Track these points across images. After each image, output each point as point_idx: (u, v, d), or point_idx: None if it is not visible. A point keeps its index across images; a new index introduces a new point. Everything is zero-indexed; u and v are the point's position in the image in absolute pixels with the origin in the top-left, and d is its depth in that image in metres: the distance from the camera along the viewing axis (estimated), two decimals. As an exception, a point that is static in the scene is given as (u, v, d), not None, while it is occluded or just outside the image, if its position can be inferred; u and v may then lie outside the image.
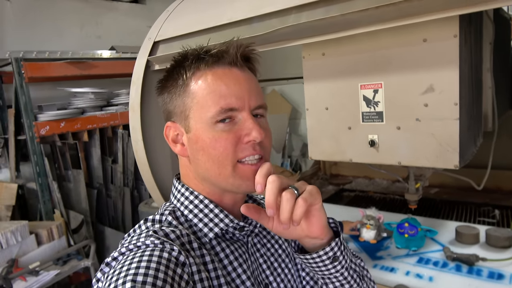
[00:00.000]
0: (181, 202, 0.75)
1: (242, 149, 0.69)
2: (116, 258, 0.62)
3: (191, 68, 0.71)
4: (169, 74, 0.75)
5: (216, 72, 0.71)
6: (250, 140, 0.68)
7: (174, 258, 0.60)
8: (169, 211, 0.73)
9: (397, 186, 2.70)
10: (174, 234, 0.66)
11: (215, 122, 0.68)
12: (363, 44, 1.26)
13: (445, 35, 1.11)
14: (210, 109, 0.68)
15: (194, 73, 0.71)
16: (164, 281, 0.55)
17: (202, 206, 0.73)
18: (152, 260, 0.57)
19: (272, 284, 0.78)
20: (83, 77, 3.46)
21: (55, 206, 3.06)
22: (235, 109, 0.69)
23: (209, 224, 0.72)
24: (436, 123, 1.17)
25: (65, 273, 2.27)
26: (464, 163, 1.21)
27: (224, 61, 0.71)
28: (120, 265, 0.58)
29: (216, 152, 0.68)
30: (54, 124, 2.98)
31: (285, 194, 0.63)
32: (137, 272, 0.55)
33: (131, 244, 0.62)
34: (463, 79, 1.15)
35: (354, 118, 1.33)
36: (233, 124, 0.69)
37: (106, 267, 0.62)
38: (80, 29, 3.86)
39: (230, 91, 0.69)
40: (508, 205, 2.18)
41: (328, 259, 0.72)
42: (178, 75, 0.72)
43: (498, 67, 1.88)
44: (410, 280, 1.38)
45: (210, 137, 0.68)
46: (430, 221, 1.92)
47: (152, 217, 0.71)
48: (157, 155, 1.77)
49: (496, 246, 1.56)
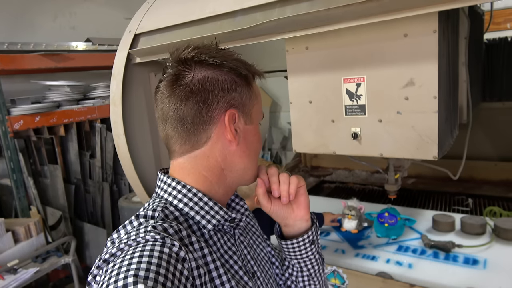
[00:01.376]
0: (173, 195, 0.74)
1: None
2: (114, 254, 0.61)
3: (249, 72, 0.78)
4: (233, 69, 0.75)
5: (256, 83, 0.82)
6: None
7: (175, 254, 0.60)
8: (162, 206, 0.72)
9: (375, 177, 2.77)
10: (172, 229, 0.66)
11: (259, 123, 0.82)
12: (346, 39, 1.28)
13: (425, 31, 1.14)
14: (260, 112, 0.82)
15: (254, 78, 0.80)
16: (165, 277, 0.55)
17: (197, 199, 0.74)
18: (154, 256, 0.57)
19: (257, 273, 0.81)
20: (58, 70, 3.36)
21: (31, 203, 2.98)
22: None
23: (206, 216, 0.73)
24: (416, 115, 1.20)
25: (45, 270, 2.22)
26: (442, 154, 1.26)
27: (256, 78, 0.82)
28: (120, 259, 0.57)
29: (259, 146, 0.81)
30: (29, 118, 2.89)
31: (281, 175, 0.83)
32: (139, 267, 0.54)
33: (130, 239, 0.61)
34: (441, 73, 1.19)
35: (337, 111, 1.35)
36: None
37: (104, 263, 0.61)
38: (53, 20, 3.73)
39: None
40: (481, 194, 2.28)
41: (309, 242, 0.88)
42: (244, 72, 0.77)
43: (472, 61, 1.95)
44: (391, 268, 1.43)
45: (257, 133, 0.81)
46: (408, 211, 1.98)
47: (144, 213, 0.70)
48: (139, 149, 1.75)
49: (470, 233, 1.64)
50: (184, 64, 0.72)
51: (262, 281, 0.82)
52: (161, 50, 1.57)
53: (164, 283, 0.54)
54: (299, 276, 0.93)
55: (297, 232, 0.88)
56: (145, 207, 0.74)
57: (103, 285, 0.54)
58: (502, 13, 3.19)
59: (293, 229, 0.88)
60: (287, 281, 0.96)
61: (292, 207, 0.85)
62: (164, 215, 0.70)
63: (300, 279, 0.93)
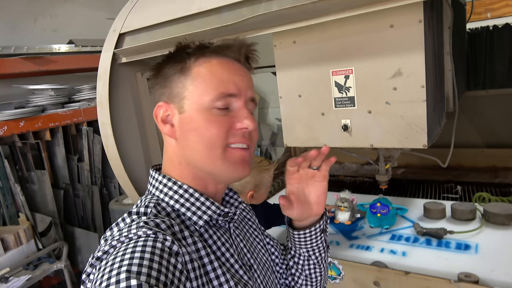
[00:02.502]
0: (164, 193, 0.74)
1: (233, 134, 0.72)
2: (107, 251, 0.60)
3: (196, 54, 0.73)
4: (169, 58, 0.76)
5: (221, 61, 0.74)
6: (243, 127, 0.72)
7: (167, 248, 0.60)
8: (154, 203, 0.71)
9: (366, 168, 2.80)
10: (164, 224, 0.66)
11: (212, 107, 0.71)
12: (333, 32, 1.28)
13: (410, 21, 1.15)
14: (209, 92, 0.71)
15: (198, 58, 0.73)
16: (159, 271, 0.55)
17: (188, 195, 0.73)
18: (146, 251, 0.57)
19: (253, 266, 0.81)
20: (41, 73, 3.30)
21: (20, 210, 2.92)
22: (233, 95, 0.72)
23: (197, 212, 0.73)
24: (404, 105, 1.22)
25: (37, 277, 2.19)
26: (431, 142, 1.28)
27: (229, 53, 0.75)
28: (113, 256, 0.57)
29: (208, 134, 0.70)
30: (13, 123, 2.83)
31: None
32: (131, 263, 0.54)
33: (122, 236, 0.61)
34: (428, 63, 1.20)
35: (327, 104, 1.36)
36: (228, 111, 0.72)
37: (97, 261, 0.61)
38: (34, 23, 3.66)
39: (231, 78, 0.72)
40: (469, 181, 2.32)
41: (320, 231, 0.91)
42: (181, 58, 0.74)
43: (456, 51, 1.97)
44: (385, 257, 1.45)
45: (205, 119, 0.71)
46: (399, 200, 2.01)
47: (136, 210, 0.70)
48: (128, 150, 1.73)
49: (461, 219, 1.67)
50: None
51: (259, 273, 0.82)
52: (147, 49, 1.55)
53: (157, 278, 0.54)
54: (305, 264, 0.94)
55: (309, 223, 0.90)
56: (137, 204, 0.74)
57: (96, 282, 0.54)
58: (482, 2, 3.24)
59: (306, 222, 0.90)
60: (291, 269, 0.96)
61: (312, 206, 0.86)
62: (157, 211, 0.70)
63: (306, 267, 0.94)
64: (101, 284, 0.52)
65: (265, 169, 1.50)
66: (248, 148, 0.74)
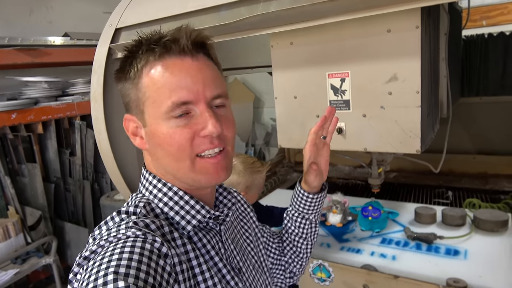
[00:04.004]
0: (154, 194, 0.72)
1: (199, 143, 0.67)
2: (94, 251, 0.59)
3: (141, 60, 0.68)
4: (123, 65, 0.71)
5: (166, 63, 0.67)
6: (206, 134, 0.67)
7: (156, 250, 0.59)
8: (144, 203, 0.70)
9: (358, 171, 2.81)
10: (154, 225, 0.65)
11: (169, 118, 0.66)
12: (330, 34, 1.28)
13: (408, 26, 1.16)
14: (162, 104, 0.66)
15: (144, 65, 0.68)
16: (147, 273, 0.54)
17: (177, 198, 0.72)
18: (135, 252, 0.56)
19: (242, 269, 0.81)
20: (35, 65, 3.25)
21: (9, 203, 2.89)
22: (189, 102, 0.66)
23: (186, 217, 0.71)
24: (399, 110, 1.22)
25: (25, 271, 2.17)
26: (424, 148, 1.29)
27: (174, 50, 0.67)
28: (101, 256, 0.56)
29: (172, 148, 0.67)
30: (4, 115, 2.79)
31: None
32: (119, 264, 0.53)
33: (110, 236, 0.60)
34: (424, 69, 1.21)
35: (322, 106, 1.36)
36: (190, 118, 0.67)
37: (84, 261, 0.60)
38: (29, 14, 3.61)
39: (181, 83, 0.66)
40: (460, 187, 2.34)
41: (325, 196, 1.07)
42: (130, 67, 0.69)
43: (451, 57, 1.98)
44: (375, 260, 1.46)
45: (165, 133, 0.66)
46: (391, 204, 2.01)
47: (126, 209, 0.68)
48: (121, 146, 1.72)
49: (451, 225, 1.68)
50: None
51: (248, 276, 0.82)
52: (143, 45, 1.54)
53: (145, 279, 0.53)
54: (311, 233, 1.08)
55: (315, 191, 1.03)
56: (127, 202, 0.73)
57: (83, 283, 0.53)
58: (478, 10, 3.26)
59: (315, 189, 1.02)
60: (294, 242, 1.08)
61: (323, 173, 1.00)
62: (146, 211, 0.69)
63: (309, 235, 1.07)
64: (88, 285, 0.51)
65: (257, 170, 1.49)
66: (222, 150, 0.70)
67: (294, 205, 1.07)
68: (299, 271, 1.10)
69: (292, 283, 1.11)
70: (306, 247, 1.08)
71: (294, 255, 1.08)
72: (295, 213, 1.06)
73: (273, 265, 1.05)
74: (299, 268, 1.09)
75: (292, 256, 1.08)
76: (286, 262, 1.08)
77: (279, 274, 1.06)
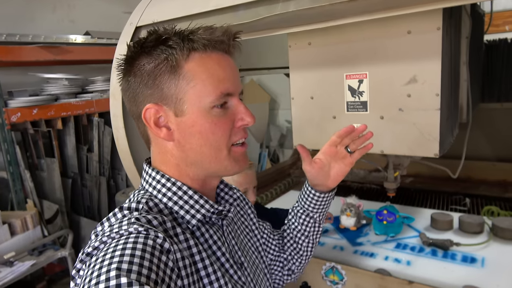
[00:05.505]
0: (157, 189, 0.73)
1: (236, 132, 0.73)
2: (97, 247, 0.60)
3: (184, 49, 0.67)
4: (147, 53, 0.69)
5: (212, 56, 0.71)
6: (244, 124, 0.73)
7: (159, 245, 0.59)
8: (146, 199, 0.70)
9: (374, 175, 2.77)
10: (156, 221, 0.65)
11: (213, 107, 0.69)
12: (349, 35, 1.28)
13: (428, 28, 1.14)
14: (210, 93, 0.69)
15: (189, 55, 0.68)
16: (149, 269, 0.54)
17: (181, 193, 0.72)
18: (137, 248, 0.56)
19: (244, 264, 0.81)
20: (56, 63, 3.34)
21: (28, 196, 2.96)
22: (231, 94, 0.72)
23: (190, 211, 0.72)
24: (418, 113, 1.21)
25: (41, 263, 2.21)
26: (443, 152, 1.26)
27: (219, 47, 0.72)
28: (103, 253, 0.56)
29: (215, 137, 0.70)
30: (26, 110, 2.86)
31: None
32: (122, 260, 0.53)
33: (112, 232, 0.60)
34: (444, 71, 1.19)
35: (339, 107, 1.35)
36: (227, 109, 0.72)
37: (87, 257, 0.60)
38: (52, 12, 3.70)
39: (227, 76, 0.71)
40: (478, 194, 2.28)
41: (332, 197, 1.06)
42: (167, 54, 0.67)
43: (472, 61, 1.95)
44: (389, 265, 1.44)
45: (210, 122, 0.69)
46: (406, 209, 1.99)
47: (128, 205, 0.68)
48: (138, 143, 1.74)
49: (468, 232, 1.64)
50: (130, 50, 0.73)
51: (249, 271, 0.82)
52: (162, 43, 1.56)
53: (148, 275, 0.53)
54: (314, 232, 1.07)
55: (319, 190, 1.03)
56: (129, 198, 0.73)
57: (86, 279, 0.53)
58: (501, 15, 3.20)
59: (317, 188, 1.02)
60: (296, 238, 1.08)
61: (328, 179, 0.99)
62: (148, 207, 0.69)
63: (311, 233, 1.07)
64: (91, 281, 0.51)
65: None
66: (245, 141, 0.76)
67: (300, 201, 1.07)
68: (297, 269, 1.09)
69: (290, 281, 1.10)
70: (307, 246, 1.08)
71: (294, 251, 1.08)
72: (300, 209, 1.07)
73: (271, 261, 1.05)
74: (298, 266, 1.09)
75: (292, 253, 1.08)
76: (285, 259, 1.08)
77: (277, 270, 1.07)
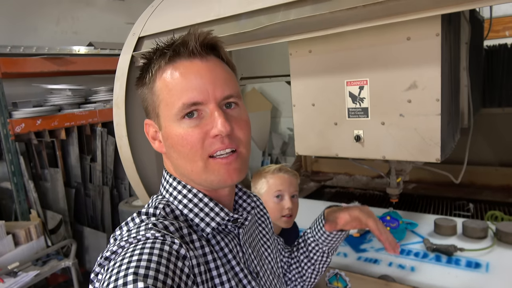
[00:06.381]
0: (174, 196, 0.74)
1: (211, 143, 0.68)
2: (115, 251, 0.61)
3: (155, 65, 0.70)
4: (141, 71, 0.75)
5: (176, 66, 0.69)
6: (215, 134, 0.67)
7: (175, 251, 0.60)
8: (163, 204, 0.72)
9: (376, 182, 2.77)
10: (173, 227, 0.66)
11: (180, 118, 0.68)
12: (349, 42, 1.29)
13: (428, 34, 1.15)
14: (173, 105, 0.68)
15: (157, 70, 0.70)
16: (165, 274, 0.55)
17: (197, 200, 0.73)
18: (154, 253, 0.57)
19: (259, 273, 0.80)
20: (60, 74, 3.38)
21: (31, 206, 2.97)
22: (199, 103, 0.67)
23: (205, 219, 0.72)
24: (419, 118, 1.21)
25: (45, 273, 2.21)
26: (444, 157, 1.27)
27: (183, 53, 0.69)
28: (121, 257, 0.57)
29: (184, 149, 0.68)
30: (30, 121, 2.89)
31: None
32: (139, 265, 0.54)
33: (130, 237, 0.61)
34: (444, 77, 1.20)
35: (340, 113, 1.36)
36: (200, 119, 0.68)
37: (105, 261, 0.61)
38: (56, 25, 3.76)
39: (191, 84, 0.67)
40: (481, 199, 2.28)
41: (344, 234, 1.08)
42: (146, 72, 0.72)
43: (473, 67, 1.96)
44: (393, 271, 1.43)
45: (177, 134, 0.68)
46: (410, 215, 1.98)
47: (146, 210, 0.70)
48: (141, 152, 1.76)
49: (472, 237, 1.64)
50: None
51: (265, 281, 0.82)
52: (165, 53, 1.58)
53: (164, 281, 0.54)
54: (321, 262, 1.08)
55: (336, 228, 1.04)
56: (148, 204, 0.74)
57: (104, 283, 0.54)
58: (501, 21, 3.22)
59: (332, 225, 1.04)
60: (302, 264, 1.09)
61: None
62: (165, 213, 0.70)
63: (318, 262, 1.08)
64: (109, 285, 0.53)
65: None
66: (235, 151, 0.70)
67: (312, 230, 1.08)
68: None
69: None
70: (311, 273, 1.08)
71: (297, 275, 1.08)
72: (311, 237, 1.07)
73: None
74: None
75: (296, 276, 1.08)
76: (289, 279, 1.09)
77: None
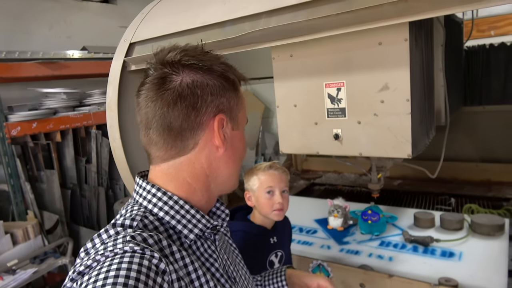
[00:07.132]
0: (153, 203, 0.70)
1: None
2: (89, 266, 0.57)
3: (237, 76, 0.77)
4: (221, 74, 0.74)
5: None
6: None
7: (154, 266, 0.57)
8: (141, 216, 0.67)
9: (363, 179, 2.87)
10: (152, 239, 0.63)
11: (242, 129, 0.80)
12: (327, 47, 1.38)
13: (397, 39, 1.25)
14: (245, 116, 0.80)
15: (240, 82, 0.78)
16: None
17: (178, 207, 0.70)
18: (132, 269, 0.54)
19: (236, 278, 0.80)
20: (55, 77, 3.43)
21: (28, 207, 3.03)
22: None
23: (188, 226, 0.71)
24: (391, 117, 1.30)
25: (42, 271, 2.28)
26: (417, 153, 1.36)
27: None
28: (96, 272, 0.54)
29: (244, 153, 0.80)
30: (26, 124, 2.95)
31: None
32: (116, 281, 0.51)
33: (106, 250, 0.58)
34: (414, 78, 1.29)
35: (320, 114, 1.45)
36: None
37: (78, 276, 0.57)
38: (49, 29, 3.81)
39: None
40: (463, 194, 2.38)
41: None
42: (230, 75, 0.75)
43: (452, 67, 2.05)
44: (372, 261, 1.52)
45: (243, 139, 0.80)
46: (392, 209, 2.07)
47: (121, 222, 0.65)
48: (134, 153, 1.83)
49: (449, 229, 1.73)
50: (170, 66, 0.69)
51: (241, 285, 0.83)
52: (155, 58, 1.66)
53: None
54: None
55: None
56: (121, 214, 0.70)
57: None
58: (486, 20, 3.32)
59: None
60: None
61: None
62: (143, 225, 0.66)
63: None
64: None
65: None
66: None
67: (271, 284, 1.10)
68: None
69: None
70: None
71: None
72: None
73: None
74: None
75: None
76: None
77: None
